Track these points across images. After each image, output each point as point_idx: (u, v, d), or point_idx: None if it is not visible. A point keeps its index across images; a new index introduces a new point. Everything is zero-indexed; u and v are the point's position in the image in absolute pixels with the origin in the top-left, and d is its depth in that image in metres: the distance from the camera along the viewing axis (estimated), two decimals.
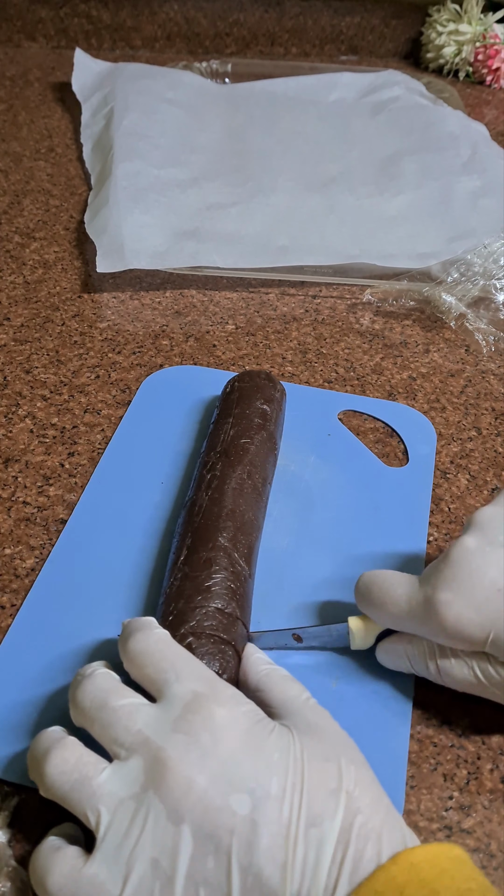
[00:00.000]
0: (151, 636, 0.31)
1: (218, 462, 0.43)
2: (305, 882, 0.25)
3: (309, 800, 0.26)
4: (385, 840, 0.26)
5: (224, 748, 0.27)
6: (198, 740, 0.27)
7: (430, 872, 0.25)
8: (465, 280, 0.63)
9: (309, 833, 0.26)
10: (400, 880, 0.25)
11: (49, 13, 1.10)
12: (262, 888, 0.25)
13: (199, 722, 0.28)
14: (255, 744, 0.28)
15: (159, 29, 1.14)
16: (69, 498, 0.46)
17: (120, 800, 0.27)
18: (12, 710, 0.35)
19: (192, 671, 0.30)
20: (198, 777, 0.26)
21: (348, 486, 0.47)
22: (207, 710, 0.28)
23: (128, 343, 0.59)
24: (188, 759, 0.27)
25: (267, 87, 1.00)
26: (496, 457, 0.52)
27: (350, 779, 0.27)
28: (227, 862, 0.25)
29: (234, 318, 0.63)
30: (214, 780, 0.26)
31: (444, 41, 1.13)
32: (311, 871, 0.25)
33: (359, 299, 0.66)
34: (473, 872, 0.26)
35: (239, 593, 0.36)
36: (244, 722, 0.28)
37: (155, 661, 0.30)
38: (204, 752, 0.27)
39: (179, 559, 0.37)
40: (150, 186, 0.73)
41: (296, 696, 0.31)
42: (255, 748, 0.27)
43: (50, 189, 0.78)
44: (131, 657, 0.31)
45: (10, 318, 0.60)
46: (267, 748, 0.27)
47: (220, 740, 0.27)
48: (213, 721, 0.28)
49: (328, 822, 0.26)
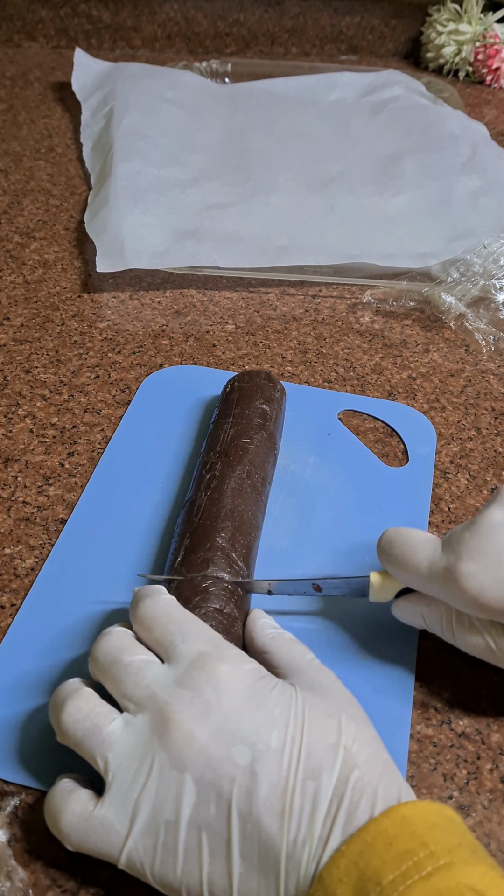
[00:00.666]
0: (159, 601, 0.33)
1: (217, 462, 0.43)
2: (301, 831, 0.26)
3: (308, 753, 0.27)
4: (380, 795, 0.27)
5: (226, 702, 0.28)
6: (201, 695, 0.29)
7: (420, 826, 0.26)
8: (465, 280, 0.63)
9: (306, 785, 0.27)
10: (391, 832, 0.25)
11: (49, 13, 1.10)
12: (261, 835, 0.26)
13: (203, 678, 0.29)
14: (257, 699, 0.29)
15: (159, 29, 1.14)
16: (69, 498, 0.46)
17: (128, 748, 0.28)
18: (12, 711, 0.35)
19: (197, 632, 0.31)
20: (201, 729, 0.28)
21: (348, 485, 0.47)
22: (211, 667, 0.29)
23: (128, 343, 0.59)
24: (191, 713, 0.28)
25: (267, 86, 1.00)
26: (496, 456, 0.52)
27: (349, 735, 0.28)
28: (227, 809, 0.27)
29: (234, 317, 0.63)
30: (217, 732, 0.28)
31: (444, 41, 1.13)
32: (307, 820, 0.26)
33: (359, 299, 0.66)
34: (464, 831, 0.27)
35: (237, 594, 0.36)
36: (247, 678, 0.30)
37: (162, 624, 0.31)
38: (207, 706, 0.28)
39: (177, 560, 0.37)
40: (150, 186, 0.73)
41: (300, 656, 0.33)
42: (257, 703, 0.29)
43: (50, 189, 0.78)
44: (140, 620, 0.32)
45: (10, 318, 0.60)
46: (268, 703, 0.29)
47: (223, 695, 0.29)
48: (217, 677, 0.29)
49: (325, 775, 0.27)
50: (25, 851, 0.31)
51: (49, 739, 0.33)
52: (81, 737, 0.29)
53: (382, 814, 0.26)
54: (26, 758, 0.33)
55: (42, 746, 0.33)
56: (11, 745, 0.33)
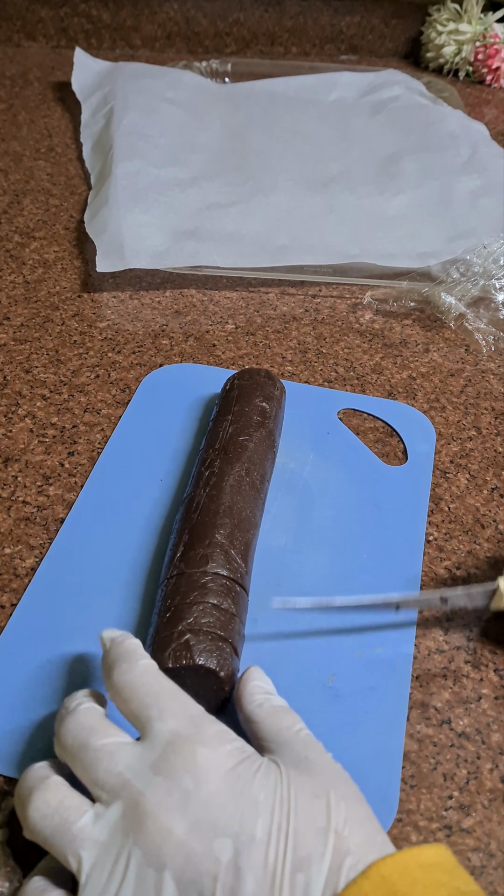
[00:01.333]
0: (136, 667, 0.30)
1: (216, 459, 0.43)
2: None
3: (295, 842, 0.25)
4: None
5: (206, 791, 0.26)
6: (179, 783, 0.26)
7: (401, 884, 0.24)
8: (465, 280, 0.63)
9: (295, 878, 0.25)
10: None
11: (49, 13, 1.10)
12: None
13: (180, 763, 0.27)
14: (240, 784, 0.26)
15: (159, 28, 1.14)
16: (69, 497, 0.46)
17: (101, 845, 0.26)
18: (10, 709, 0.34)
19: (175, 707, 0.28)
20: (178, 822, 0.25)
21: (347, 484, 0.47)
22: (189, 751, 0.27)
23: (127, 342, 0.59)
24: (168, 805, 0.26)
25: (267, 86, 1.00)
26: (496, 456, 0.52)
27: (339, 816, 0.26)
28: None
29: (234, 317, 0.63)
30: (196, 825, 0.25)
31: (444, 41, 1.13)
32: None
33: (359, 299, 0.66)
34: (445, 876, 0.25)
35: (235, 590, 0.36)
36: (228, 761, 0.27)
37: (139, 696, 0.29)
38: (185, 796, 0.26)
39: (176, 556, 0.37)
40: (150, 186, 0.73)
41: (287, 728, 0.30)
42: (240, 789, 0.26)
43: (50, 188, 0.78)
44: (116, 690, 0.29)
45: (10, 318, 0.60)
46: (252, 788, 0.26)
47: (202, 782, 0.26)
48: (195, 762, 0.27)
49: (315, 866, 0.25)
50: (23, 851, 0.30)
51: (48, 738, 0.33)
52: (50, 834, 0.26)
53: (361, 875, 0.24)
54: (24, 756, 0.33)
55: (41, 746, 0.33)
56: (10, 744, 0.33)
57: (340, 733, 0.35)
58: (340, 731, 0.35)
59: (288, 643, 0.38)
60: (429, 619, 0.41)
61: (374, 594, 0.38)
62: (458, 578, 0.43)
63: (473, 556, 0.45)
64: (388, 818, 0.32)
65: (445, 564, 0.44)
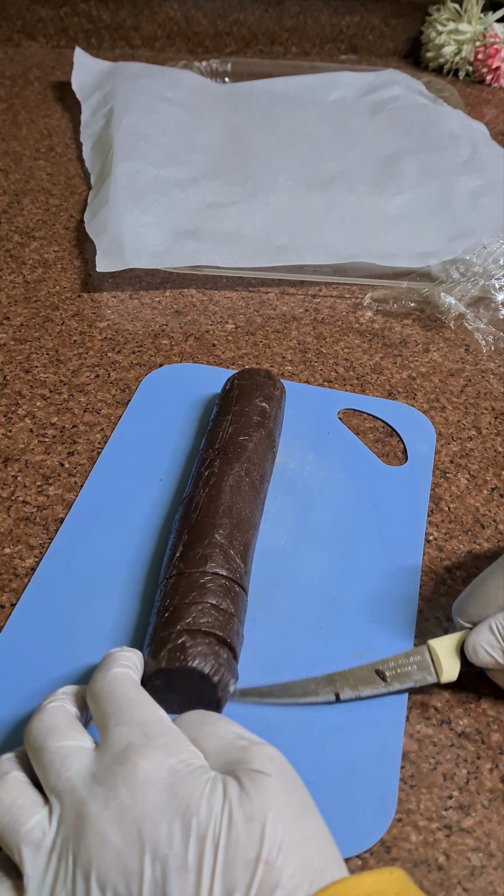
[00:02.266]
0: (107, 676, 0.30)
1: (216, 459, 0.43)
2: None
3: (224, 872, 0.24)
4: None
5: (141, 806, 0.25)
6: (117, 796, 0.26)
7: None
8: (465, 280, 0.63)
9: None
10: None
11: (49, 12, 1.10)
12: None
13: (120, 776, 0.26)
14: (177, 803, 0.25)
15: (159, 28, 1.14)
16: (69, 497, 0.46)
17: (43, 849, 0.26)
18: (9, 708, 0.34)
19: (131, 716, 0.28)
20: (113, 836, 0.25)
21: (347, 484, 0.47)
22: (131, 763, 0.26)
23: (127, 342, 0.59)
24: (105, 817, 0.25)
25: (267, 86, 1.00)
26: (496, 456, 0.52)
27: (274, 843, 0.24)
28: None
29: (234, 317, 0.63)
30: (129, 841, 0.25)
31: (444, 40, 1.13)
32: None
33: (359, 299, 0.66)
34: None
35: (234, 590, 0.36)
36: (167, 777, 0.26)
37: (103, 703, 0.29)
38: (122, 810, 0.25)
39: (175, 555, 0.37)
40: (150, 186, 0.73)
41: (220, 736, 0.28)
42: (176, 809, 0.25)
43: (50, 188, 0.78)
44: (90, 697, 0.30)
45: (10, 318, 0.60)
46: (189, 809, 0.25)
47: (138, 797, 0.25)
48: (134, 776, 0.26)
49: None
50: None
51: None
52: (1, 830, 0.26)
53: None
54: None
55: None
56: (10, 744, 0.33)
57: (340, 733, 0.35)
58: (340, 731, 0.35)
59: (287, 643, 0.38)
60: (428, 619, 0.41)
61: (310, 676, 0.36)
62: (457, 578, 0.43)
63: (473, 556, 0.45)
64: (387, 818, 0.32)
65: (445, 564, 0.44)
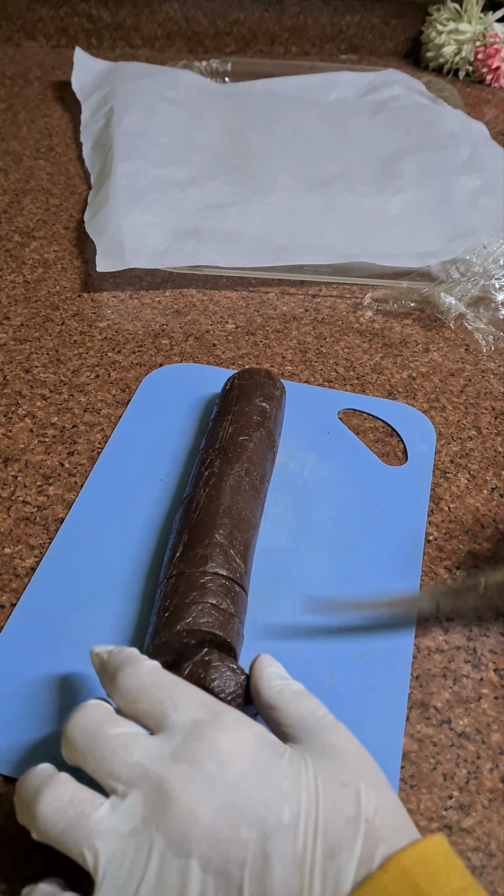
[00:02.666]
0: (142, 668, 0.29)
1: (216, 459, 0.43)
2: None
3: (325, 829, 0.25)
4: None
5: (230, 775, 0.25)
6: (202, 769, 0.25)
7: (422, 878, 0.24)
8: (465, 280, 0.63)
9: (326, 865, 0.24)
10: (391, 890, 0.23)
11: (49, 12, 1.10)
12: None
13: (202, 749, 0.26)
14: (264, 770, 0.26)
15: (159, 28, 1.14)
16: (69, 497, 0.46)
17: (121, 836, 0.25)
18: (9, 708, 0.34)
19: (190, 698, 0.28)
20: (204, 808, 0.25)
21: (347, 484, 0.47)
22: (211, 737, 0.26)
23: (127, 342, 0.59)
24: (192, 790, 0.25)
25: (267, 86, 1.00)
26: (496, 456, 0.52)
27: (370, 805, 0.25)
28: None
29: (234, 317, 0.63)
30: (222, 810, 0.25)
31: (444, 40, 1.13)
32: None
33: (359, 299, 0.66)
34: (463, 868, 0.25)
35: (234, 590, 0.36)
36: (250, 746, 0.27)
37: (149, 694, 0.28)
38: (209, 781, 0.25)
39: (176, 555, 0.37)
40: (150, 185, 0.73)
41: (311, 713, 0.29)
42: (264, 774, 0.26)
43: (50, 188, 0.78)
44: (123, 692, 0.28)
45: (10, 318, 0.60)
46: (276, 774, 0.26)
47: (226, 767, 0.26)
48: (218, 747, 0.26)
49: (346, 854, 0.24)
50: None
51: (47, 737, 0.33)
52: (64, 828, 0.25)
53: (380, 868, 0.24)
54: (24, 756, 0.33)
55: (40, 746, 0.33)
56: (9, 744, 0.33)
57: None
58: None
59: (287, 643, 0.38)
60: (428, 618, 0.41)
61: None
62: (457, 579, 0.43)
63: (473, 556, 0.45)
64: None
65: (445, 564, 0.44)
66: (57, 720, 0.34)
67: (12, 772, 0.32)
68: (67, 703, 0.35)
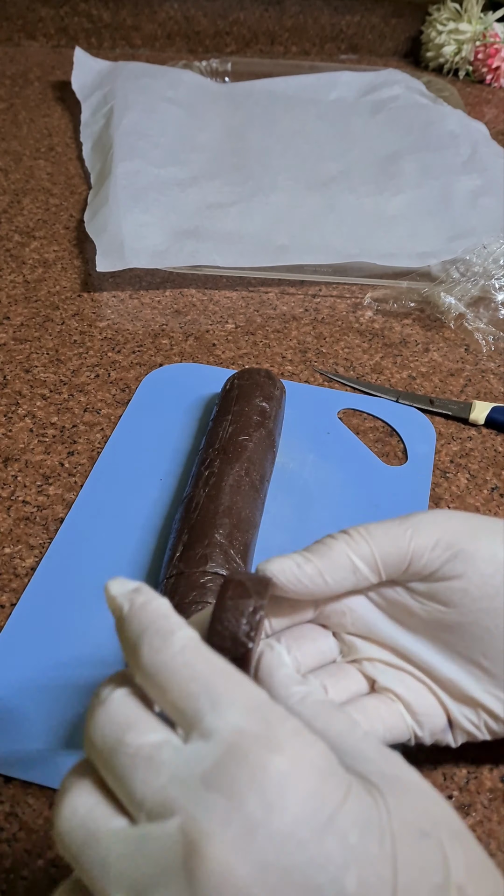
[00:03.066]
0: (174, 644, 0.21)
1: (216, 459, 0.43)
2: None
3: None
4: None
5: (279, 823, 0.18)
6: (241, 807, 0.18)
7: None
8: (465, 280, 0.63)
9: None
10: None
11: (49, 12, 1.10)
12: None
13: (244, 778, 0.19)
14: (325, 815, 0.18)
15: (159, 28, 1.14)
16: (69, 497, 0.46)
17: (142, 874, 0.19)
18: (9, 708, 0.34)
19: (234, 695, 0.20)
20: (241, 864, 0.18)
21: (347, 484, 0.47)
22: (258, 761, 0.19)
23: (127, 342, 0.59)
24: (226, 838, 0.18)
25: (267, 85, 1.00)
26: (496, 456, 0.52)
27: (458, 865, 0.19)
28: None
29: (234, 317, 0.63)
30: (265, 869, 0.18)
31: (444, 40, 1.13)
32: None
33: (359, 298, 0.66)
34: None
35: None
36: (310, 780, 0.19)
37: (181, 683, 0.20)
38: (250, 828, 0.18)
39: (175, 555, 0.37)
40: (150, 185, 0.73)
41: (348, 731, 0.22)
42: (324, 822, 0.18)
43: (50, 188, 0.78)
44: (147, 674, 0.21)
45: (10, 318, 0.60)
46: (340, 822, 0.19)
47: (275, 809, 0.18)
48: (267, 778, 0.19)
49: None
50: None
51: (47, 737, 0.33)
52: (77, 852, 0.19)
53: None
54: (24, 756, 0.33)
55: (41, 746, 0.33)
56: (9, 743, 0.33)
57: None
58: None
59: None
60: None
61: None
62: None
63: None
64: None
65: None
66: (57, 720, 0.34)
67: (11, 772, 0.32)
68: (67, 703, 0.35)
